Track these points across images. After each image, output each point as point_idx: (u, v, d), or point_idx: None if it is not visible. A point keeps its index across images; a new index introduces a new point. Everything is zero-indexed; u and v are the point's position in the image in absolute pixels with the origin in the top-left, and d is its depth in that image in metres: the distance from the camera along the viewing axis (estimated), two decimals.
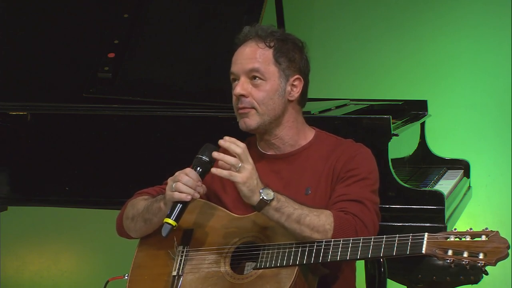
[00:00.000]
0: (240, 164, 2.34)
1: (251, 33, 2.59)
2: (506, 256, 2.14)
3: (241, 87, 2.55)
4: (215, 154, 2.39)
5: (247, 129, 2.57)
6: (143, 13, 3.41)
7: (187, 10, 3.45)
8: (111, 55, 3.31)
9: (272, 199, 2.34)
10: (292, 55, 2.58)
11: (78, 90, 3.27)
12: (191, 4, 3.47)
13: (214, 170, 2.37)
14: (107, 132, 3.22)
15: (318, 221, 2.36)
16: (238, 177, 2.33)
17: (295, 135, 2.62)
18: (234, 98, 2.58)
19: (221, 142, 2.38)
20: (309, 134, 2.66)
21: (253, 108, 2.55)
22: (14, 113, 3.27)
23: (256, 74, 2.54)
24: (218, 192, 2.64)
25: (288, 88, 2.58)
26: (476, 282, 2.69)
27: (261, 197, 2.33)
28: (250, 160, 2.37)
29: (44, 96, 3.31)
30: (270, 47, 2.56)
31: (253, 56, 2.55)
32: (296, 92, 2.60)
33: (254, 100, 2.54)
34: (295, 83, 2.60)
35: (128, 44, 3.35)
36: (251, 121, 2.56)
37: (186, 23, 3.41)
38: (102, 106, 3.24)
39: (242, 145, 2.38)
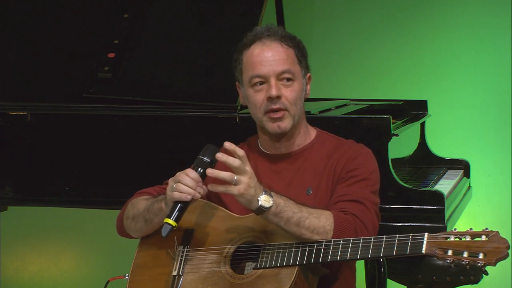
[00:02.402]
0: (235, 178, 2.33)
1: (267, 33, 2.56)
2: (506, 256, 2.14)
3: (276, 88, 2.51)
4: (209, 172, 2.36)
5: (281, 132, 2.56)
6: (143, 13, 3.41)
7: (187, 10, 3.45)
8: (111, 55, 3.31)
9: (271, 206, 2.34)
10: (306, 53, 2.61)
11: (78, 90, 3.27)
12: (191, 4, 3.47)
13: (210, 186, 2.35)
14: (107, 132, 3.22)
15: (318, 223, 2.36)
16: (235, 190, 2.32)
17: (303, 134, 2.63)
18: (259, 100, 2.54)
19: (218, 155, 2.36)
20: (312, 133, 2.67)
21: (286, 110, 2.53)
22: (14, 113, 3.27)
23: (287, 75, 2.53)
24: (219, 193, 2.63)
25: (305, 86, 2.61)
26: (476, 282, 2.69)
27: (259, 205, 2.33)
28: (248, 168, 2.34)
29: (44, 96, 3.31)
30: (290, 46, 2.56)
31: (282, 57, 2.53)
32: (308, 90, 2.63)
33: (287, 101, 2.53)
34: (307, 81, 2.63)
35: (128, 44, 3.35)
36: (285, 124, 2.54)
37: (186, 23, 3.41)
38: (102, 106, 3.23)
39: (241, 153, 2.34)
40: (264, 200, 2.33)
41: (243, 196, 2.32)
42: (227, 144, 2.35)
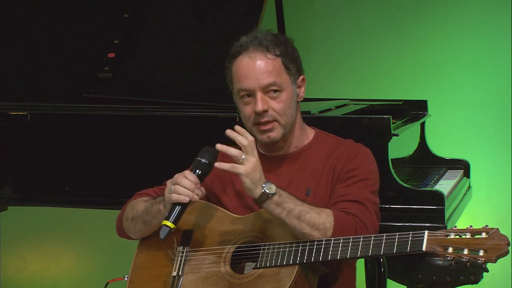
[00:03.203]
0: (243, 156, 2.34)
1: (253, 43, 2.53)
2: (507, 253, 2.14)
3: (262, 103, 2.49)
4: (218, 146, 2.39)
5: (271, 142, 2.55)
6: (143, 13, 3.41)
7: (187, 10, 3.45)
8: (111, 55, 3.31)
9: (274, 193, 2.34)
10: (295, 56, 2.57)
11: (78, 90, 3.27)
12: (191, 4, 3.47)
13: (217, 164, 2.37)
14: (107, 132, 3.22)
15: (319, 219, 2.36)
16: (241, 168, 2.34)
17: (299, 135, 2.63)
18: (248, 113, 2.53)
19: (228, 132, 2.39)
20: (310, 134, 2.66)
21: (275, 120, 2.52)
22: (14, 113, 3.27)
23: (274, 87, 2.51)
24: (218, 193, 2.64)
25: (297, 90, 2.58)
26: (476, 282, 2.69)
27: (263, 191, 2.34)
28: (256, 153, 2.37)
29: (44, 96, 3.31)
30: (277, 55, 2.52)
31: (267, 69, 2.50)
32: (302, 92, 2.61)
33: (275, 112, 2.51)
34: (301, 83, 2.60)
35: (128, 44, 3.35)
36: (275, 134, 2.53)
37: (186, 23, 3.41)
38: (102, 106, 3.24)
39: (251, 138, 2.38)
40: (268, 186, 2.34)
41: (248, 177, 2.33)
42: (238, 128, 2.38)
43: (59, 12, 3.51)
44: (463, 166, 3.76)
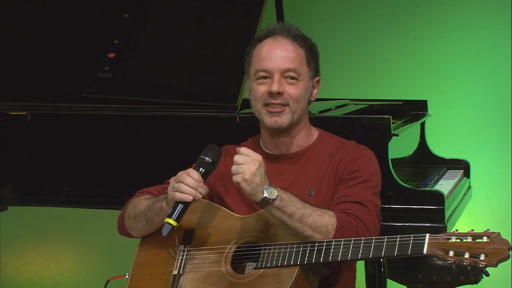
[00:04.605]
0: (236, 168, 2.35)
1: (281, 30, 2.58)
2: (508, 257, 2.14)
3: (278, 84, 2.52)
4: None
5: (277, 128, 2.56)
6: (143, 13, 3.41)
7: (187, 10, 3.45)
8: (111, 55, 3.30)
9: (275, 199, 2.34)
10: (317, 57, 2.62)
11: (78, 90, 3.27)
12: (191, 5, 3.46)
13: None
14: (107, 132, 3.22)
15: (321, 222, 2.36)
16: (238, 177, 2.35)
17: (305, 135, 2.63)
18: (260, 92, 2.55)
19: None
20: (314, 134, 2.67)
21: (287, 105, 2.54)
22: (14, 113, 3.27)
23: (292, 74, 2.54)
24: (220, 192, 2.64)
25: (311, 89, 2.60)
26: (476, 282, 2.69)
27: (264, 196, 2.34)
28: (255, 157, 2.37)
29: (44, 96, 3.31)
30: (301, 46, 2.57)
31: (289, 55, 2.54)
32: (314, 93, 2.64)
33: (289, 96, 2.53)
34: (315, 84, 2.63)
35: (128, 44, 3.34)
36: (283, 119, 2.54)
37: (186, 23, 3.41)
38: (102, 106, 3.23)
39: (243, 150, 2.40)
40: (269, 191, 2.35)
41: (246, 183, 2.33)
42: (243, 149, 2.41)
43: (59, 12, 3.51)
44: (463, 166, 3.76)
